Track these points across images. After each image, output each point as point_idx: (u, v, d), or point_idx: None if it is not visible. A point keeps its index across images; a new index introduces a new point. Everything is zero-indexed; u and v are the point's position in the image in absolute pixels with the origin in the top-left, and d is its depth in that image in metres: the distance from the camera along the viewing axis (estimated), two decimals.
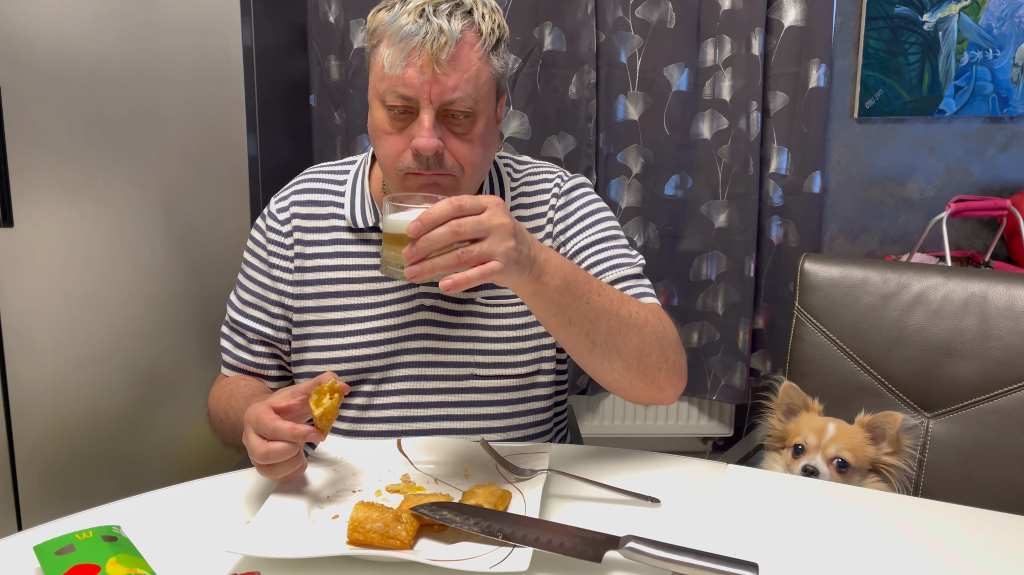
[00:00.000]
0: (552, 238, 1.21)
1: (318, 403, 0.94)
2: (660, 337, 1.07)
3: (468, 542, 0.87)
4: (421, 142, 1.04)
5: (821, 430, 1.21)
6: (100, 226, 1.73)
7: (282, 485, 0.98)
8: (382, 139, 1.08)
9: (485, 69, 1.06)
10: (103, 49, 1.68)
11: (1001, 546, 0.92)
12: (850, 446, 1.19)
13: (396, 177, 1.09)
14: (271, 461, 0.93)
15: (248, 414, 0.97)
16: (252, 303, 1.22)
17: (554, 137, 2.31)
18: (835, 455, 1.18)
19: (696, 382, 2.46)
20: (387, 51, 1.04)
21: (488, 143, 1.11)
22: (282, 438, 0.92)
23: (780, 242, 2.37)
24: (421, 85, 1.03)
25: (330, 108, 2.28)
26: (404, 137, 1.06)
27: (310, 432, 0.92)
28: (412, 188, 1.08)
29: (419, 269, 0.87)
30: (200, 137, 1.74)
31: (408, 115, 1.06)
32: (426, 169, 1.06)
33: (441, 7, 1.03)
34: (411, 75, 1.02)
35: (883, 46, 2.38)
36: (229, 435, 1.18)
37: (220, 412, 1.20)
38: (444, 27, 1.02)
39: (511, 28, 2.23)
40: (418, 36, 1.01)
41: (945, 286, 1.37)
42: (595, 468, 1.07)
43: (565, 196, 1.23)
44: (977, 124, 2.47)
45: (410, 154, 1.06)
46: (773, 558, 0.87)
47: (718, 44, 2.28)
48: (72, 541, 0.83)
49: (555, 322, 0.99)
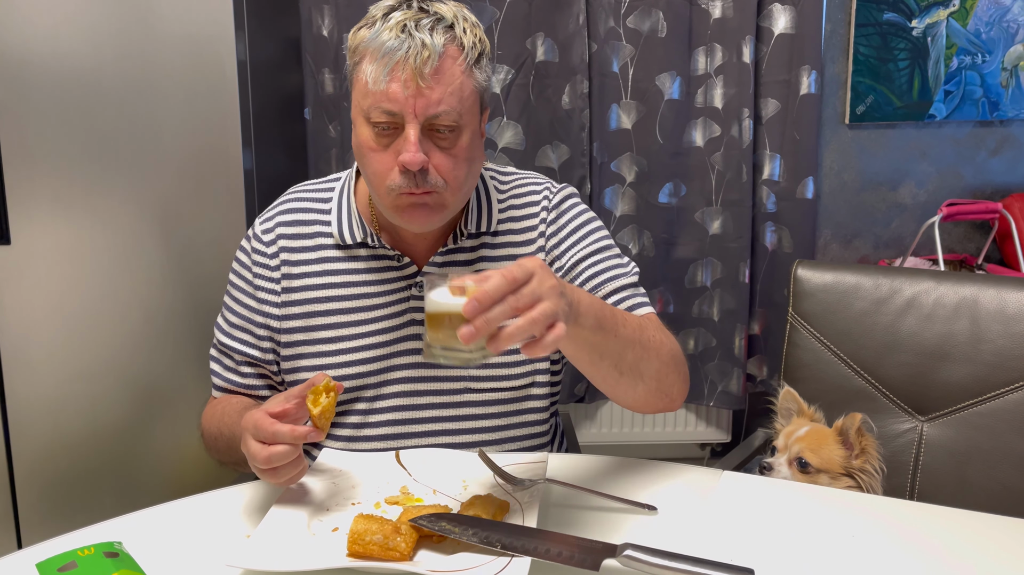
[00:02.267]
0: (545, 251, 1.22)
1: (315, 403, 0.95)
2: (674, 355, 1.11)
3: (467, 552, 0.88)
4: (407, 157, 1.04)
5: (793, 431, 1.23)
6: (97, 242, 1.74)
7: (282, 498, 0.98)
8: (368, 157, 1.09)
9: (468, 82, 1.06)
10: (98, 66, 1.69)
11: (996, 549, 0.93)
12: (815, 447, 1.20)
13: (387, 197, 1.09)
14: (274, 464, 0.93)
15: (245, 421, 0.97)
16: (238, 326, 1.22)
17: (548, 147, 2.32)
18: (797, 455, 1.20)
19: (693, 389, 2.47)
20: (370, 67, 1.04)
21: (473, 157, 1.11)
22: (283, 441, 0.93)
23: (774, 248, 2.38)
24: (405, 100, 1.03)
25: (325, 121, 2.29)
26: (391, 154, 1.06)
27: (310, 432, 0.93)
28: (402, 208, 1.09)
29: (493, 347, 0.84)
30: (196, 152, 1.75)
31: (393, 131, 1.06)
32: (415, 187, 1.06)
33: (423, 22, 1.04)
34: (395, 90, 1.03)
35: (873, 52, 2.40)
36: (224, 453, 1.19)
37: (214, 431, 1.20)
38: (427, 41, 1.02)
39: (504, 39, 2.25)
40: (401, 51, 1.02)
41: (937, 290, 1.38)
42: (592, 477, 1.07)
43: (556, 210, 1.24)
44: (967, 128, 2.48)
45: (398, 172, 1.06)
46: (769, 563, 0.88)
47: (709, 52, 2.30)
48: (74, 558, 0.84)
49: (586, 359, 1.00)
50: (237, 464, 1.19)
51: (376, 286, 1.19)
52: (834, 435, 1.21)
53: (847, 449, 1.20)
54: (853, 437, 1.19)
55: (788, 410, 1.28)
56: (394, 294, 1.19)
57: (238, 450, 1.12)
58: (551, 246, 1.22)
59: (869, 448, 1.19)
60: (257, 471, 0.97)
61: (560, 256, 1.22)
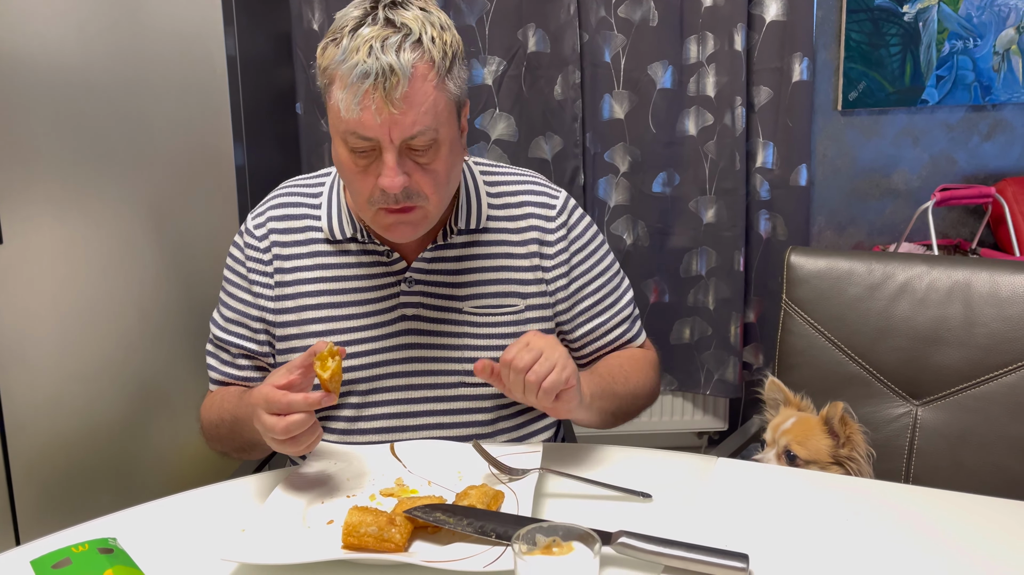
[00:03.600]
0: (549, 258, 1.23)
1: (324, 367, 0.96)
2: (655, 384, 1.29)
3: (462, 543, 0.88)
4: (386, 182, 1.03)
5: (780, 424, 1.22)
6: (90, 240, 1.74)
7: (276, 492, 0.99)
8: (348, 177, 1.09)
9: (442, 97, 1.04)
10: (88, 63, 1.68)
11: (991, 531, 0.93)
12: (802, 439, 1.19)
13: (368, 211, 1.10)
14: (293, 433, 0.95)
15: (254, 397, 0.98)
16: (234, 320, 1.22)
17: (541, 138, 2.32)
18: (785, 447, 1.19)
19: (689, 377, 2.47)
20: (341, 94, 1.02)
21: (453, 163, 1.10)
22: (298, 409, 0.94)
23: (769, 236, 2.38)
24: (379, 127, 1.01)
25: (317, 115, 2.29)
26: (370, 175, 1.06)
27: (323, 397, 0.94)
28: (385, 224, 1.09)
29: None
30: (187, 148, 1.75)
31: (371, 152, 1.05)
32: (395, 204, 1.06)
33: (389, 41, 1.00)
34: (368, 118, 1.01)
35: (864, 38, 2.40)
36: (226, 438, 1.19)
37: (214, 419, 1.20)
38: (395, 65, 0.99)
39: (495, 31, 2.24)
40: (369, 79, 0.99)
41: (930, 275, 1.38)
42: (586, 465, 1.08)
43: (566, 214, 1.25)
44: (960, 113, 2.48)
45: (376, 191, 1.06)
46: (764, 548, 0.88)
47: (701, 41, 2.29)
48: (68, 554, 0.84)
49: (585, 417, 1.14)
50: (239, 450, 1.20)
51: (367, 280, 1.19)
52: (820, 424, 1.20)
53: (834, 438, 1.19)
54: (837, 426, 1.18)
55: (775, 400, 1.28)
56: (384, 289, 1.19)
57: (240, 433, 1.13)
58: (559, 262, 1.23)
59: (854, 435, 1.18)
60: (274, 444, 0.97)
61: (569, 271, 1.24)
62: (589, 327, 1.26)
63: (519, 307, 1.21)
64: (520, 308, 1.21)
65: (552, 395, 1.00)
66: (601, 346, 1.28)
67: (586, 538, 0.75)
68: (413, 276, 1.18)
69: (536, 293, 1.22)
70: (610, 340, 1.28)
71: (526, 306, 1.21)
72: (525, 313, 1.21)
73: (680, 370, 2.48)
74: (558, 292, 1.23)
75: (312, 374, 0.98)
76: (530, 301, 1.21)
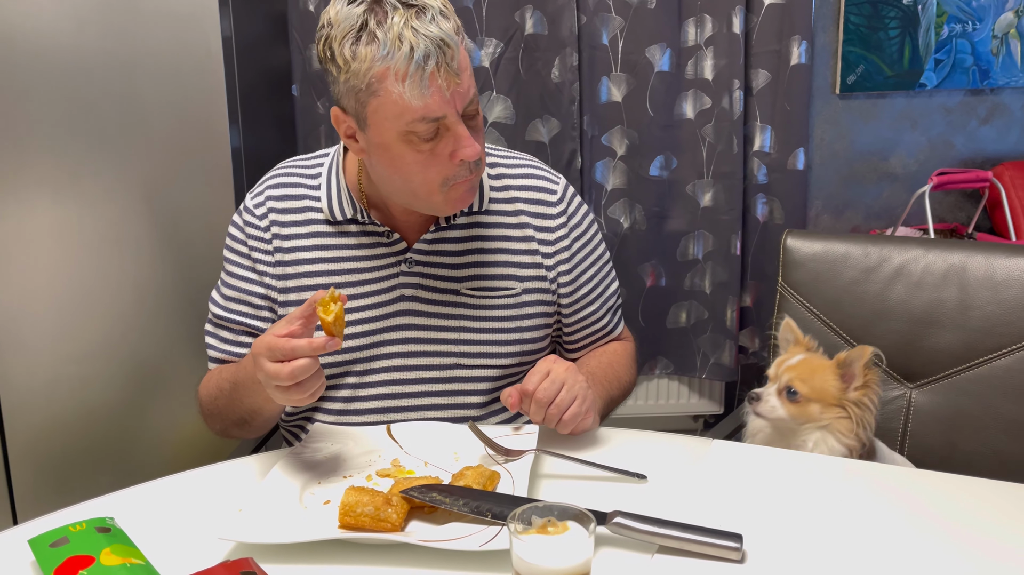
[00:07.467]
0: (548, 244, 1.23)
1: (327, 311, 0.95)
2: (635, 376, 1.34)
3: (458, 522, 0.89)
4: (470, 151, 1.04)
5: (784, 361, 1.18)
6: (86, 222, 1.73)
7: (273, 472, 0.99)
8: (412, 171, 1.06)
9: (467, 57, 1.05)
10: (83, 44, 1.67)
11: (984, 512, 0.94)
12: (805, 376, 1.14)
13: (439, 194, 1.08)
14: (298, 378, 0.94)
15: (256, 347, 0.97)
16: (236, 298, 1.22)
17: (538, 121, 2.31)
18: (787, 384, 1.15)
19: (685, 361, 2.48)
20: (402, 86, 0.99)
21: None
22: (303, 354, 0.93)
23: (766, 220, 2.38)
24: (447, 102, 1.01)
25: (313, 97, 2.28)
26: (439, 157, 1.05)
27: (328, 342, 0.93)
28: (456, 197, 1.09)
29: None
30: (183, 130, 1.74)
31: (435, 135, 1.04)
32: (470, 173, 1.08)
33: (426, 18, 0.99)
34: (436, 98, 1.00)
35: (863, 21, 2.39)
36: (225, 410, 1.17)
37: (213, 391, 1.20)
38: (444, 37, 0.99)
39: (492, 13, 2.23)
40: (432, 59, 0.98)
41: (925, 258, 1.38)
42: (582, 447, 1.08)
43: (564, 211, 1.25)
44: (958, 97, 2.48)
45: (453, 167, 1.06)
46: (758, 529, 0.88)
47: (699, 23, 2.28)
48: (66, 533, 0.84)
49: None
50: (238, 423, 1.17)
51: (366, 262, 1.19)
52: (833, 367, 1.15)
53: (844, 382, 1.15)
54: (859, 369, 1.14)
55: (787, 341, 1.24)
56: (384, 270, 1.19)
57: (240, 400, 1.12)
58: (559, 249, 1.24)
59: (872, 383, 1.15)
60: (278, 393, 0.96)
61: (571, 259, 1.25)
62: (584, 314, 1.28)
63: (516, 290, 1.21)
64: (517, 291, 1.21)
65: (571, 427, 1.06)
66: (590, 333, 1.30)
67: (581, 518, 0.76)
68: (414, 257, 1.18)
69: (533, 277, 1.22)
70: (598, 328, 1.31)
71: (523, 289, 1.21)
72: (522, 296, 1.21)
73: (676, 354, 2.48)
74: (560, 278, 1.24)
75: (312, 324, 0.97)
76: (527, 284, 1.22)
